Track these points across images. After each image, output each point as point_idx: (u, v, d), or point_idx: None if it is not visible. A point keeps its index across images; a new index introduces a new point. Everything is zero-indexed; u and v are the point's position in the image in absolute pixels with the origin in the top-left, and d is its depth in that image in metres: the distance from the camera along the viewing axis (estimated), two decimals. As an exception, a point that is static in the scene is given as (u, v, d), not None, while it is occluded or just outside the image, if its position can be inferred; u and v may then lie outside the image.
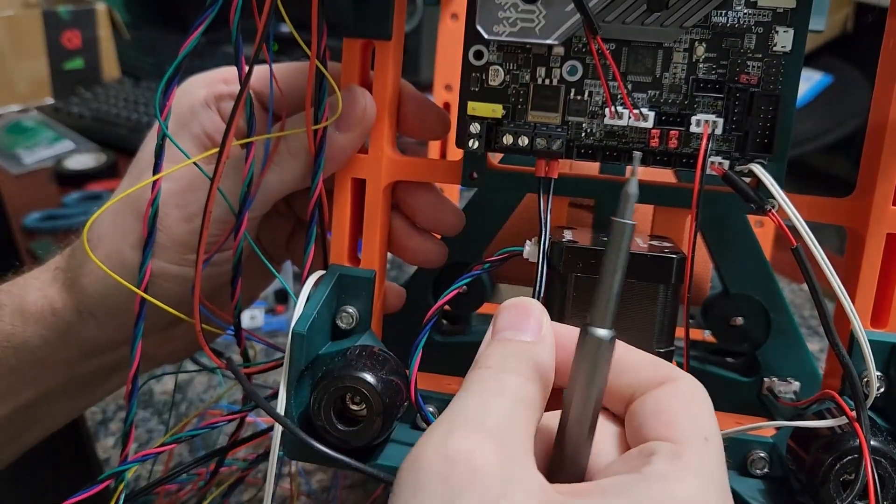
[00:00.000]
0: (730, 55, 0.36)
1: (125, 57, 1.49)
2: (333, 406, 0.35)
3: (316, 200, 0.38)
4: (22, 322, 0.43)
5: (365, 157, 0.40)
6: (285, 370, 0.36)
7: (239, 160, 0.38)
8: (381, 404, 0.35)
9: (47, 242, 1.00)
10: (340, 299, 0.40)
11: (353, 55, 0.38)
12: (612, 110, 0.36)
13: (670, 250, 0.36)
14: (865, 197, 0.38)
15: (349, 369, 0.35)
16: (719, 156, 0.37)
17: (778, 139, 0.36)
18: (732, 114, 0.36)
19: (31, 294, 0.44)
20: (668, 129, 0.37)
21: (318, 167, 0.38)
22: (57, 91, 1.40)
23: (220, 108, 0.43)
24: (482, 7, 0.35)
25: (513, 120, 0.38)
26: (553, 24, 0.35)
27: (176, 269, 0.41)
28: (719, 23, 0.36)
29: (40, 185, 1.16)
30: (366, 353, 0.37)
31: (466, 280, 0.38)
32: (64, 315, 0.43)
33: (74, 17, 1.39)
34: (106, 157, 1.19)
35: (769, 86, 0.36)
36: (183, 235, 0.41)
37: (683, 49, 0.36)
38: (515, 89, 0.37)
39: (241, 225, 0.38)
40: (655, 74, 0.37)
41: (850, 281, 0.39)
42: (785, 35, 0.35)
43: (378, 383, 0.35)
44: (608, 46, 0.36)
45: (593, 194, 0.42)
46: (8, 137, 1.26)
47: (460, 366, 0.47)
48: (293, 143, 0.40)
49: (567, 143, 0.37)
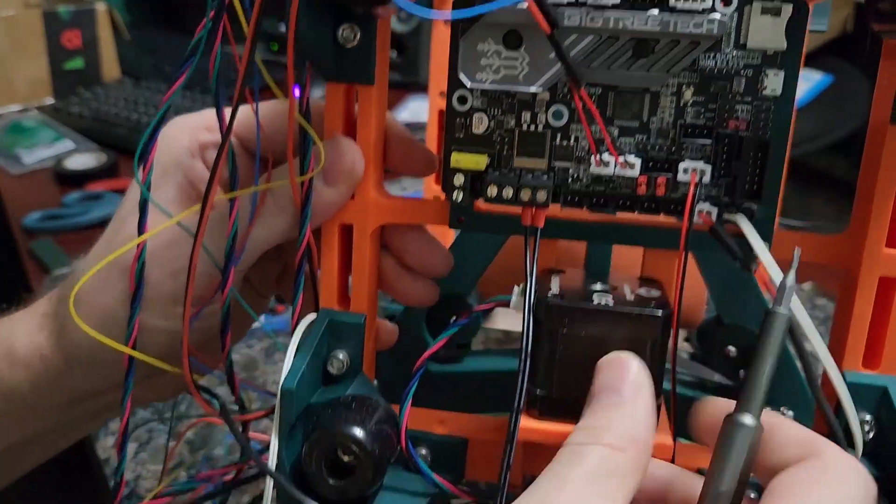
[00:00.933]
0: (718, 99, 0.35)
1: (125, 57, 1.49)
2: (325, 459, 0.35)
3: (304, 251, 0.37)
4: (10, 367, 0.43)
5: (351, 203, 0.39)
6: (276, 425, 0.35)
7: (224, 213, 0.38)
8: (372, 458, 0.35)
9: (47, 242, 1.00)
10: (331, 344, 0.39)
11: (337, 100, 0.38)
12: (598, 158, 0.36)
13: (657, 302, 0.36)
14: (858, 237, 0.37)
15: (339, 424, 0.35)
16: (708, 201, 0.36)
17: (768, 184, 0.35)
18: (721, 160, 0.36)
19: (19, 339, 0.44)
20: (655, 175, 0.36)
21: (305, 219, 0.37)
22: (57, 91, 1.40)
23: (205, 157, 0.42)
24: (464, 55, 0.35)
25: (498, 167, 0.37)
26: (537, 71, 0.34)
27: (163, 323, 0.41)
28: (707, 66, 0.35)
29: (40, 185, 1.17)
30: (355, 403, 0.37)
31: (454, 330, 0.38)
32: (52, 362, 0.43)
33: (74, 17, 1.39)
34: (106, 157, 1.19)
35: (758, 130, 0.35)
36: (169, 291, 0.40)
37: (671, 93, 0.36)
38: (500, 135, 0.37)
39: (226, 281, 0.37)
40: (643, 119, 0.36)
41: (843, 321, 0.39)
42: (775, 78, 0.34)
43: (367, 437, 0.35)
44: (594, 90, 0.36)
45: (584, 237, 0.41)
46: (8, 137, 1.26)
47: (454, 397, 0.48)
48: (280, 197, 0.39)
49: (553, 190, 0.37)
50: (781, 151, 0.35)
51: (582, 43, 0.34)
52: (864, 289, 0.38)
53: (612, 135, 0.36)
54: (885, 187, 0.36)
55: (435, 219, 0.39)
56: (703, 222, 0.36)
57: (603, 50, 0.34)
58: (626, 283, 0.39)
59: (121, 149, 1.21)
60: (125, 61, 1.48)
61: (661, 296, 0.38)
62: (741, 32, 0.34)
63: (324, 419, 0.36)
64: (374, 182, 0.39)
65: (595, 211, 0.37)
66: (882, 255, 0.37)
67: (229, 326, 0.39)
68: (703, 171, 0.35)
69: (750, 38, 0.34)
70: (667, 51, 0.34)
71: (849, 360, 0.38)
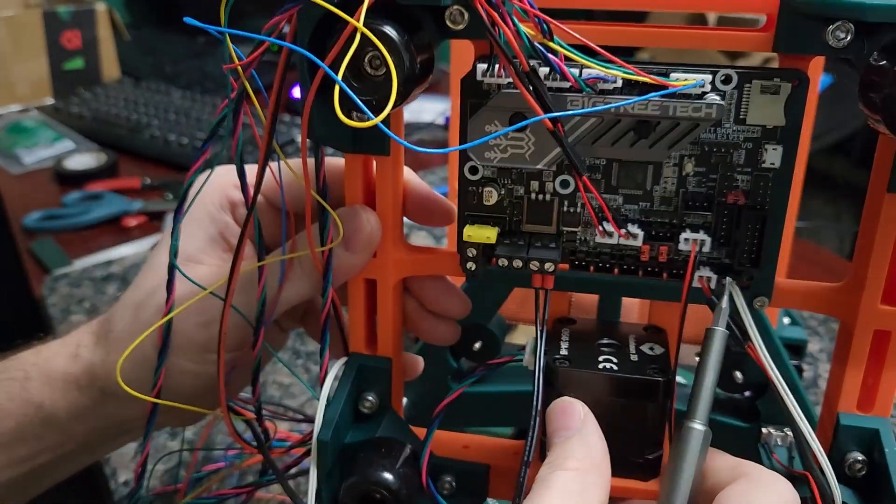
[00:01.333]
0: (719, 169, 0.36)
1: (125, 57, 1.49)
2: (360, 500, 0.39)
3: (327, 312, 0.39)
4: (50, 392, 0.45)
5: (374, 261, 0.41)
6: (313, 472, 0.39)
7: (253, 273, 0.40)
8: (399, 497, 0.39)
9: (47, 242, 1.01)
10: (361, 386, 0.43)
11: (355, 169, 0.39)
12: (601, 230, 0.37)
13: (659, 365, 0.38)
14: (855, 292, 0.38)
15: (369, 470, 0.39)
16: (709, 265, 0.38)
17: (766, 253, 0.37)
18: (721, 229, 0.37)
19: (56, 369, 0.45)
20: (657, 244, 0.38)
21: (327, 285, 0.39)
22: (57, 91, 1.40)
23: (235, 215, 0.45)
24: (472, 135, 0.36)
25: (509, 233, 0.38)
26: (542, 150, 0.35)
27: (192, 366, 0.43)
28: (708, 139, 0.36)
29: (40, 184, 1.17)
30: (384, 448, 0.41)
31: (467, 384, 0.43)
32: (87, 392, 0.45)
33: (74, 17, 1.38)
34: (106, 157, 1.19)
35: (757, 200, 0.37)
36: (200, 340, 0.42)
37: (673, 164, 0.37)
38: (511, 202, 0.38)
39: (258, 341, 0.39)
40: (646, 188, 0.37)
41: (839, 366, 0.40)
42: (774, 152, 0.36)
43: (395, 480, 0.39)
44: (598, 161, 0.37)
45: (593, 291, 0.43)
46: (8, 137, 1.26)
47: (477, 416, 0.51)
48: (304, 262, 0.41)
49: (562, 253, 0.38)
50: (780, 221, 0.37)
51: (584, 125, 0.35)
52: (859, 340, 0.39)
53: (617, 203, 0.38)
54: (882, 250, 0.37)
55: (452, 270, 0.41)
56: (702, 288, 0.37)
57: (605, 130, 0.35)
58: (632, 336, 0.41)
59: (121, 149, 1.22)
60: (125, 61, 1.48)
61: (664, 354, 0.39)
62: (741, 108, 0.35)
63: (356, 464, 0.40)
64: (394, 240, 0.41)
65: (601, 273, 0.39)
66: (878, 310, 0.38)
67: (259, 376, 0.41)
68: (703, 242, 0.37)
69: (749, 115, 0.35)
70: (668, 130, 0.35)
71: (844, 402, 0.40)
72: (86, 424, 0.46)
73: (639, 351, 0.40)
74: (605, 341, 0.41)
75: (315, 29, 0.32)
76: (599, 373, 0.38)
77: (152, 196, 1.10)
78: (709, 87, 0.34)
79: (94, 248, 1.01)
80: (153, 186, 1.13)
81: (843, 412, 0.40)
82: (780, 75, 0.34)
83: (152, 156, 1.21)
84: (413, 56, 0.31)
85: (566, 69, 0.30)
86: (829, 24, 0.32)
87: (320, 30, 0.32)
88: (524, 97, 0.30)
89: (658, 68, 0.34)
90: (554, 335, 0.41)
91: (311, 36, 0.33)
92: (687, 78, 0.33)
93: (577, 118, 0.34)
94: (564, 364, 0.38)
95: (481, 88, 0.35)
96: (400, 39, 0.30)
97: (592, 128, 0.35)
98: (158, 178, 1.14)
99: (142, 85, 1.38)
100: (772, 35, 0.34)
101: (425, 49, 0.34)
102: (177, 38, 1.58)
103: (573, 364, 0.38)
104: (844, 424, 0.39)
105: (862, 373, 0.40)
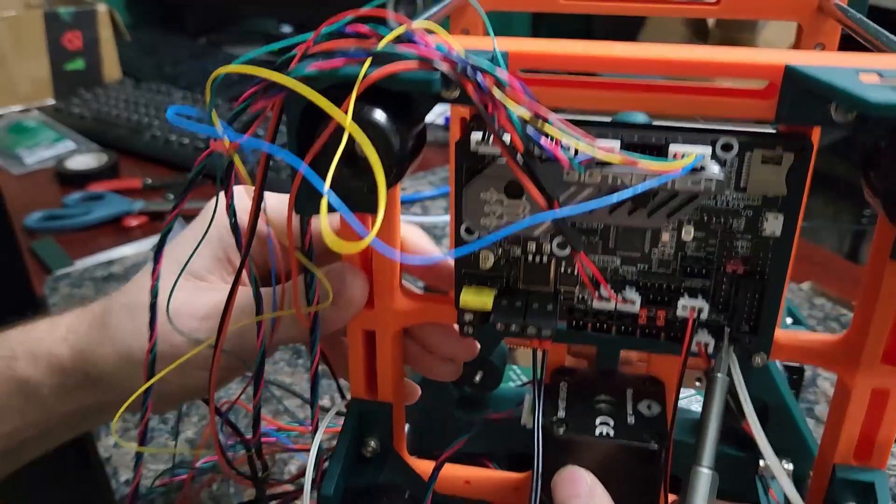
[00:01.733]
0: (718, 235, 0.36)
1: (126, 58, 1.48)
2: None
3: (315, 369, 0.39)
4: (35, 371, 0.46)
5: (373, 312, 0.41)
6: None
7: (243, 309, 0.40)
8: None
9: (48, 242, 1.01)
10: (363, 430, 0.43)
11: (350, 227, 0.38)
12: (598, 295, 0.36)
13: (654, 428, 0.38)
14: (855, 350, 0.38)
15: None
16: (707, 327, 0.37)
17: (764, 320, 0.36)
18: (720, 294, 0.37)
19: (42, 349, 0.46)
20: (655, 308, 0.37)
21: (315, 342, 0.39)
22: (58, 92, 1.39)
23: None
24: (468, 202, 0.35)
25: (507, 293, 0.38)
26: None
27: (179, 378, 0.42)
28: (708, 205, 0.35)
29: (41, 185, 1.17)
30: (386, 496, 0.41)
31: (468, 435, 0.42)
32: (72, 375, 0.46)
33: (76, 18, 1.38)
34: (107, 157, 1.19)
35: (757, 267, 0.36)
36: (189, 359, 0.42)
37: (672, 228, 0.36)
38: (508, 262, 0.38)
39: (258, 389, 0.40)
40: (644, 251, 0.37)
41: (837, 418, 0.40)
42: (775, 221, 0.35)
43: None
44: (597, 225, 0.36)
45: (592, 343, 0.42)
46: (9, 138, 1.26)
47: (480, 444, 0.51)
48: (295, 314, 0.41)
49: (560, 311, 0.38)
50: (780, 289, 0.36)
51: (581, 194, 0.34)
52: (858, 397, 0.39)
53: (614, 265, 0.37)
54: (883, 314, 0.37)
55: (452, 319, 0.40)
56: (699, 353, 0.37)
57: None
58: (630, 391, 0.41)
59: (122, 149, 1.21)
60: (126, 62, 1.47)
61: (661, 414, 0.39)
62: (741, 177, 0.34)
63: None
64: (392, 291, 0.41)
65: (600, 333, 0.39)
66: (878, 370, 0.38)
67: (259, 423, 0.42)
68: (700, 309, 0.36)
69: (750, 185, 0.34)
70: (666, 200, 0.34)
71: (841, 453, 0.40)
72: (68, 404, 0.47)
73: (636, 411, 0.40)
74: (602, 398, 0.40)
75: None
76: (595, 440, 0.38)
77: (153, 196, 1.10)
78: (709, 158, 0.33)
79: (95, 249, 1.01)
80: (154, 187, 1.13)
81: (839, 463, 0.40)
82: (783, 144, 0.33)
83: (153, 156, 1.21)
84: (404, 139, 0.30)
85: (560, 154, 0.29)
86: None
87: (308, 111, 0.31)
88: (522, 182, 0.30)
89: (657, 136, 0.33)
90: (552, 390, 0.41)
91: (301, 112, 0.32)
92: (686, 153, 0.32)
93: (572, 189, 0.34)
94: (562, 428, 0.38)
95: (476, 155, 0.35)
96: (390, 127, 0.30)
97: (590, 197, 0.34)
98: (159, 178, 1.14)
99: (143, 86, 1.37)
100: (774, 103, 0.33)
101: (416, 121, 0.33)
102: (178, 39, 1.57)
103: (570, 428, 0.38)
104: (840, 477, 0.39)
105: (859, 427, 0.39)
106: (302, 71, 0.30)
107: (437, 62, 0.29)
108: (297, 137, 0.32)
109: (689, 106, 0.34)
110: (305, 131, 0.31)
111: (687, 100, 0.34)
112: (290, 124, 0.32)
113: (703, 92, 0.34)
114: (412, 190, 1.13)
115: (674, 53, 0.33)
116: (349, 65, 0.30)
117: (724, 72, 0.33)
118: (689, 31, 2.19)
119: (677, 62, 0.33)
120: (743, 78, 0.33)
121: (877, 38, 0.38)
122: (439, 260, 0.43)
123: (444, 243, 0.95)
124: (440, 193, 1.10)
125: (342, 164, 0.28)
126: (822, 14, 0.49)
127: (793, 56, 0.32)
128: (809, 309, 0.85)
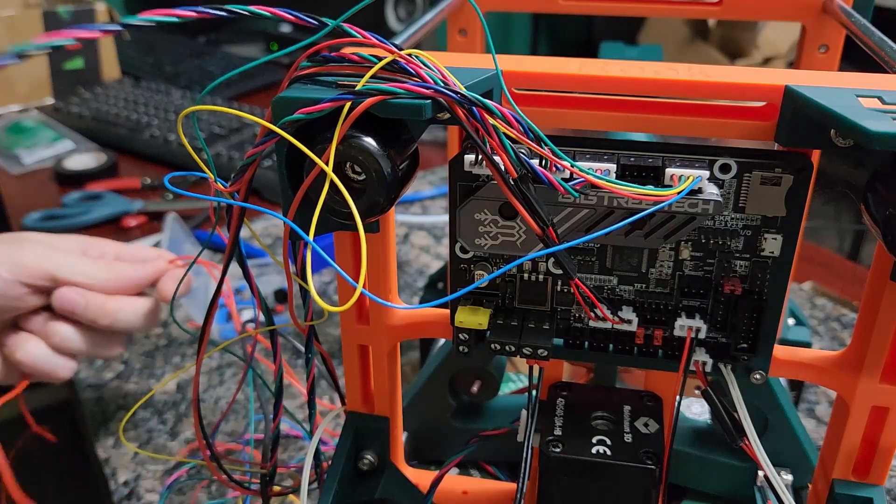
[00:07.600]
0: (716, 255, 0.36)
1: (125, 57, 1.47)
2: None
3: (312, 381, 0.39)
4: None
5: (367, 329, 0.41)
6: None
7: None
8: None
9: (48, 242, 1.00)
10: (360, 444, 0.43)
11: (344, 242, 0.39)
12: (594, 315, 0.36)
13: (651, 447, 0.38)
14: (855, 368, 0.38)
15: None
16: (705, 345, 0.37)
17: (762, 339, 0.36)
18: (717, 314, 0.36)
19: None
20: (653, 328, 0.37)
21: (310, 357, 0.39)
22: (57, 91, 1.39)
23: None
24: (463, 222, 0.35)
25: (503, 312, 0.38)
26: (533, 238, 0.34)
27: None
28: (706, 226, 0.35)
29: (40, 184, 1.16)
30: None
31: (467, 451, 0.42)
32: None
33: (74, 17, 1.37)
34: (106, 157, 1.18)
35: (755, 288, 0.36)
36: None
37: (669, 248, 0.36)
38: (504, 281, 0.37)
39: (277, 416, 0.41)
40: (641, 270, 0.36)
41: (836, 436, 0.40)
42: (774, 241, 0.35)
43: None
44: (593, 245, 0.36)
45: (590, 360, 0.42)
46: (8, 137, 1.25)
47: (479, 454, 0.51)
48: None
49: (557, 330, 0.38)
50: (778, 308, 0.36)
51: (578, 215, 0.34)
52: (857, 413, 0.39)
53: (611, 284, 0.37)
54: (882, 332, 0.37)
55: (447, 334, 0.41)
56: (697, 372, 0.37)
57: (599, 220, 0.34)
58: (627, 408, 0.40)
59: (120, 149, 1.21)
60: (125, 61, 1.46)
61: (658, 432, 0.39)
62: (740, 197, 0.34)
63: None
64: (386, 308, 0.41)
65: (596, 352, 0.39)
66: (877, 388, 0.38)
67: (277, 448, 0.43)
68: (698, 329, 0.36)
69: (749, 205, 0.34)
70: (663, 221, 0.34)
71: (839, 469, 0.40)
72: None
73: (633, 429, 0.39)
74: (599, 414, 0.40)
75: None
76: (591, 459, 0.37)
77: (152, 196, 1.10)
78: (706, 181, 0.32)
79: (94, 249, 1.00)
80: (153, 186, 1.12)
81: (837, 479, 0.40)
82: (783, 164, 0.33)
83: (152, 156, 1.20)
84: (395, 164, 0.30)
85: (556, 181, 0.29)
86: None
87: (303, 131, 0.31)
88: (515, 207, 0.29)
89: (654, 158, 0.33)
90: (548, 406, 0.41)
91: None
92: (683, 176, 0.32)
93: (568, 210, 0.33)
94: (557, 448, 0.38)
95: (470, 174, 0.34)
96: (380, 153, 0.29)
97: (586, 217, 0.34)
98: (158, 178, 1.14)
99: (142, 85, 1.36)
100: (774, 124, 0.33)
101: (409, 143, 0.33)
102: (177, 38, 1.56)
103: (566, 448, 0.38)
104: (839, 493, 0.39)
105: (858, 444, 0.39)
106: (289, 115, 0.30)
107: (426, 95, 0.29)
108: (287, 168, 0.32)
109: (688, 127, 0.34)
110: (293, 160, 0.31)
111: (685, 121, 0.34)
112: (280, 160, 0.32)
113: (701, 112, 0.34)
114: (412, 189, 1.12)
115: (671, 74, 0.32)
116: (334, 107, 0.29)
117: (722, 93, 0.32)
118: (690, 31, 2.19)
119: (675, 83, 0.32)
120: (741, 100, 0.33)
121: (881, 48, 0.37)
122: None
123: (443, 242, 0.95)
124: (440, 193, 1.10)
125: (333, 191, 0.28)
126: (826, 15, 0.49)
127: (793, 76, 0.32)
128: (811, 309, 0.85)
